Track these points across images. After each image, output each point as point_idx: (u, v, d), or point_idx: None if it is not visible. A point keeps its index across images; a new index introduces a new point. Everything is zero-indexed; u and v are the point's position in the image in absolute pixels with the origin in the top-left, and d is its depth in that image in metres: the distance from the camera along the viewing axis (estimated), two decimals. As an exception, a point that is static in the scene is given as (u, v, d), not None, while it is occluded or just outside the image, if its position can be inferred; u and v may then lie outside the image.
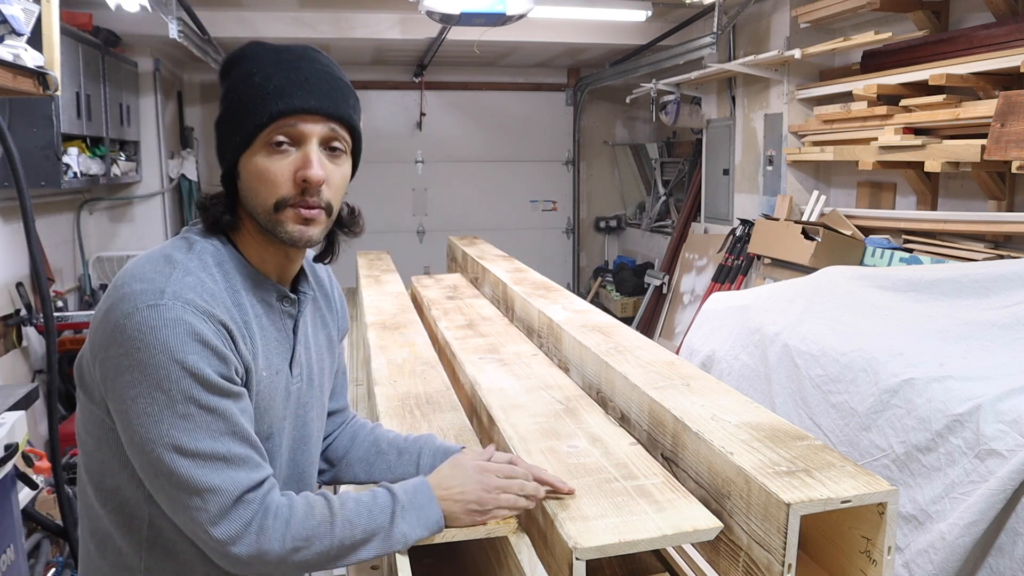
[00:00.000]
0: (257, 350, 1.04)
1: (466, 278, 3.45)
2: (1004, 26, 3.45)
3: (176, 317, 0.93)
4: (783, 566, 1.05)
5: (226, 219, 1.06)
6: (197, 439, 0.94)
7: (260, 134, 1.00)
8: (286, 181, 1.00)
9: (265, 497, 0.99)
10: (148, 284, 0.96)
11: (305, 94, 1.00)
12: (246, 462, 0.98)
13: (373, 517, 1.04)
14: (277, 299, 1.09)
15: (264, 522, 0.97)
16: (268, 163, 1.01)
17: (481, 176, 7.93)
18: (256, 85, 1.00)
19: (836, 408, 2.49)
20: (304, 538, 0.99)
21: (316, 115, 1.01)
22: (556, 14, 5.24)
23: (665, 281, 6.43)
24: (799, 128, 4.84)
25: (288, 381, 1.11)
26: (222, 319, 0.98)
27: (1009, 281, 2.49)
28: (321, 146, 1.02)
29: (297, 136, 1.01)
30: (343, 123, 1.04)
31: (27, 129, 3.70)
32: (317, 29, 5.71)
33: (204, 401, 0.94)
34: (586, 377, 1.83)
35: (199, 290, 0.97)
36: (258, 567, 0.99)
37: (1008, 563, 1.87)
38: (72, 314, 4.38)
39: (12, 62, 1.90)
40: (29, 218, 2.27)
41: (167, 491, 0.96)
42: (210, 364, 0.95)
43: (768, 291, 3.29)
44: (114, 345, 0.94)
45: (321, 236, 1.06)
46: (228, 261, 1.05)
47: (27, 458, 2.33)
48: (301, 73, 1.01)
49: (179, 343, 0.93)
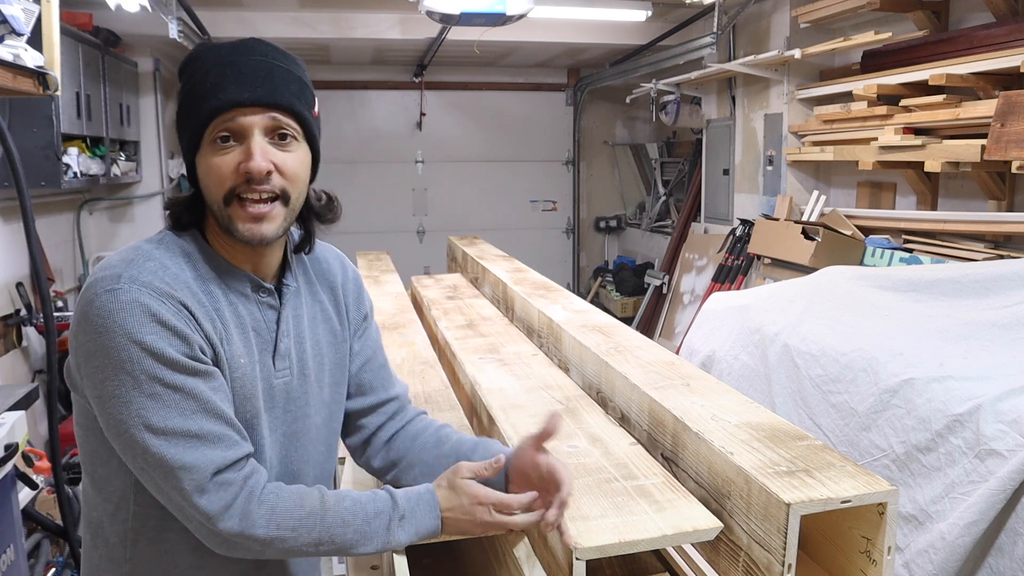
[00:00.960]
0: (231, 335, 1.04)
1: (466, 278, 3.45)
2: (1004, 26, 3.45)
3: (132, 299, 0.94)
4: (783, 566, 1.05)
5: (185, 218, 1.06)
6: (167, 418, 0.95)
7: (204, 133, 1.01)
8: (231, 175, 1.00)
9: (247, 480, 0.99)
10: (109, 271, 0.97)
11: (238, 87, 0.99)
12: (221, 440, 0.98)
13: (368, 521, 1.04)
14: (252, 290, 1.09)
15: (248, 506, 0.98)
16: (214, 160, 1.01)
17: (481, 176, 7.93)
18: (196, 85, 1.01)
19: (836, 408, 2.49)
20: (290, 528, 0.99)
21: (253, 106, 1.00)
22: (556, 14, 5.24)
23: (665, 281, 6.43)
24: (799, 128, 4.84)
25: (271, 373, 1.09)
26: (182, 300, 0.98)
27: (1009, 281, 2.49)
28: (267, 136, 1.02)
29: (238, 130, 1.00)
30: (284, 110, 1.02)
31: (27, 129, 3.70)
32: (317, 29, 5.71)
33: (169, 380, 0.95)
34: (586, 377, 1.83)
35: (159, 273, 0.98)
36: (242, 550, 0.99)
37: (1008, 563, 1.87)
38: (72, 314, 4.38)
39: (12, 62, 1.90)
40: (29, 218, 2.28)
41: (147, 472, 0.97)
42: (170, 343, 0.95)
43: (768, 291, 3.29)
44: (81, 332, 0.96)
45: (279, 230, 1.04)
46: (197, 253, 1.05)
47: (27, 458, 2.33)
48: (235, 67, 1.00)
49: (136, 324, 0.94)
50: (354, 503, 1.04)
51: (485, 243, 3.92)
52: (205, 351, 1.00)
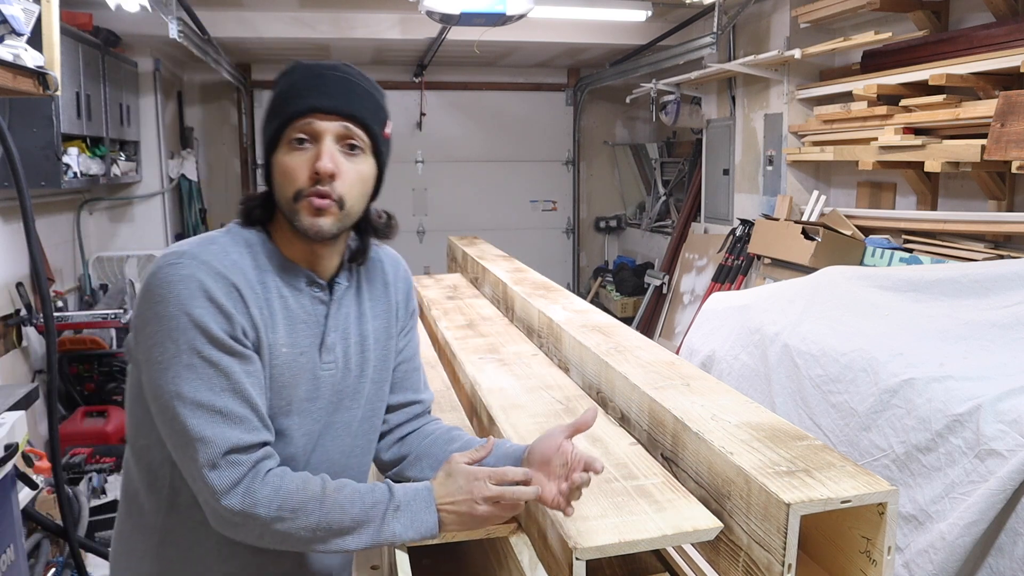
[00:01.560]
0: (276, 323, 1.11)
1: (466, 278, 3.45)
2: (1004, 26, 3.45)
3: (189, 274, 1.03)
4: (783, 566, 1.05)
5: (256, 213, 1.15)
6: (197, 389, 1.02)
7: (283, 133, 1.10)
8: (303, 174, 1.08)
9: (257, 463, 1.04)
10: (176, 249, 1.07)
11: (319, 95, 1.09)
12: (242, 422, 1.04)
13: (366, 509, 1.07)
14: (306, 284, 1.15)
15: (252, 484, 1.02)
16: (288, 159, 1.10)
17: (481, 176, 7.93)
18: (283, 91, 1.12)
19: (836, 408, 2.49)
20: (292, 510, 1.03)
21: (330, 114, 1.09)
22: (556, 14, 5.24)
23: (665, 281, 6.43)
24: (799, 128, 4.84)
25: (316, 365, 1.15)
26: (235, 283, 1.06)
27: (1009, 281, 2.49)
28: (338, 143, 1.10)
29: (313, 133, 1.09)
30: (357, 122, 1.10)
31: (27, 129, 3.70)
32: (317, 29, 5.71)
33: (207, 354, 1.02)
34: (586, 377, 1.83)
35: (219, 257, 1.07)
36: (243, 529, 1.04)
37: (1008, 563, 1.87)
38: (72, 314, 4.38)
39: (12, 62, 1.90)
40: (29, 218, 2.27)
41: (172, 438, 1.04)
42: (215, 320, 1.03)
43: (768, 291, 3.29)
44: (141, 300, 1.06)
45: (334, 228, 1.11)
46: (259, 245, 1.13)
47: (27, 458, 2.32)
48: (321, 79, 1.11)
49: (189, 297, 1.02)
50: (353, 491, 1.08)
51: (485, 243, 3.91)
52: (247, 334, 1.07)
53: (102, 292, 5.11)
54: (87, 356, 4.31)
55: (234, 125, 7.40)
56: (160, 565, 1.15)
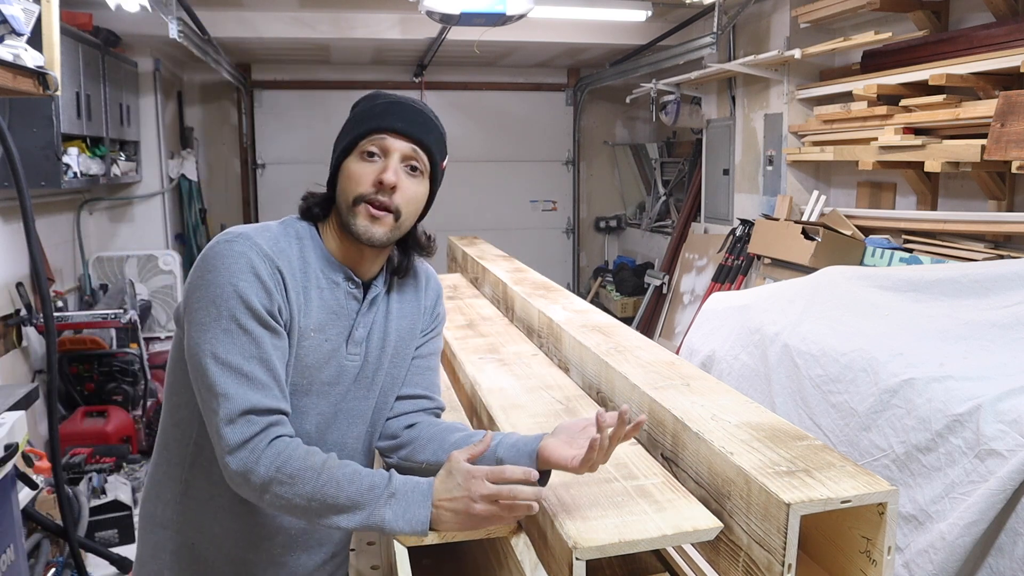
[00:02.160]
0: (310, 308, 1.22)
1: (466, 278, 3.45)
2: (1004, 26, 3.45)
3: (241, 251, 1.16)
4: (783, 566, 1.05)
5: (315, 210, 1.27)
6: (230, 351, 1.13)
7: (358, 144, 1.23)
8: (368, 181, 1.21)
9: (268, 427, 1.13)
10: (233, 229, 1.20)
11: (395, 118, 1.23)
12: (264, 387, 1.14)
13: (362, 491, 1.11)
14: (344, 280, 1.26)
15: (259, 444, 1.11)
16: (358, 167, 1.23)
17: (481, 176, 7.92)
18: (366, 110, 1.26)
19: (836, 408, 2.49)
20: (289, 475, 1.11)
21: (401, 135, 1.23)
22: (556, 14, 5.23)
23: (665, 281, 6.43)
24: (799, 128, 4.84)
25: (342, 354, 1.26)
26: (280, 266, 1.19)
27: (1009, 281, 2.49)
28: (403, 163, 1.23)
29: (383, 149, 1.23)
30: (423, 147, 1.24)
31: (27, 129, 3.70)
32: (317, 29, 5.71)
33: (244, 323, 1.14)
34: (586, 377, 1.83)
35: (270, 242, 1.20)
36: (246, 487, 1.13)
37: (1008, 563, 1.87)
38: (72, 314, 4.38)
39: (12, 62, 1.90)
40: (29, 218, 2.27)
41: (201, 392, 1.15)
42: (257, 295, 1.15)
43: (768, 291, 3.29)
44: (196, 269, 1.18)
45: (386, 237, 1.23)
46: (308, 239, 1.26)
47: (27, 458, 2.32)
48: (400, 106, 1.26)
49: (238, 270, 1.15)
50: (354, 472, 1.13)
51: (485, 243, 3.91)
52: (283, 312, 1.18)
53: (102, 292, 5.10)
54: (87, 356, 4.31)
55: (234, 125, 7.40)
56: (182, 514, 1.27)
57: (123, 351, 4.38)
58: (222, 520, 1.26)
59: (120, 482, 3.62)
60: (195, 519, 1.27)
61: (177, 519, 1.28)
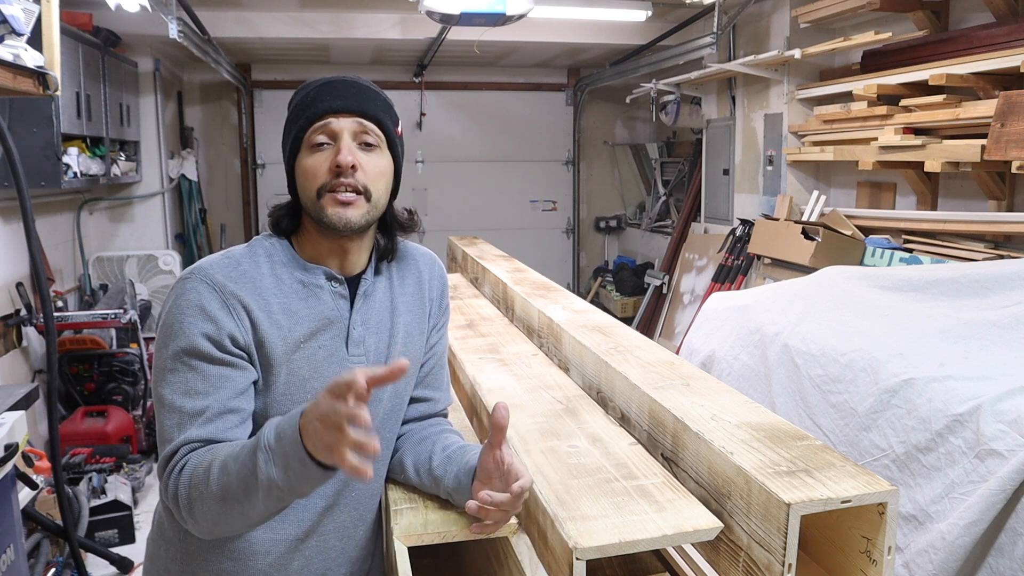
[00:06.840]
0: (296, 321, 1.17)
1: (466, 278, 3.45)
2: (1004, 26, 3.45)
3: (191, 287, 1.13)
4: (783, 566, 1.05)
5: (284, 223, 1.22)
6: (174, 391, 1.11)
7: (303, 138, 1.17)
8: (324, 171, 1.15)
9: (189, 453, 1.09)
10: (194, 265, 1.17)
11: (332, 98, 1.17)
12: (201, 420, 1.09)
13: (244, 463, 1.01)
14: (326, 279, 1.21)
15: (173, 474, 1.09)
16: (311, 160, 1.16)
17: (481, 176, 7.93)
18: (298, 104, 1.20)
19: (836, 408, 2.49)
20: (195, 485, 1.06)
21: (343, 112, 1.16)
22: (556, 14, 5.23)
23: (665, 281, 6.43)
24: (799, 128, 4.84)
25: (344, 358, 1.20)
26: (237, 292, 1.14)
27: (1009, 281, 2.49)
28: (355, 141, 1.17)
29: (331, 133, 1.16)
30: (370, 118, 1.18)
31: (27, 129, 3.70)
32: (317, 29, 5.71)
33: (184, 360, 1.11)
34: (586, 377, 1.83)
35: (228, 270, 1.15)
36: (184, 520, 1.10)
37: (1008, 563, 1.87)
38: (72, 314, 4.37)
39: (12, 62, 1.90)
40: (29, 218, 2.28)
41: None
42: (200, 329, 1.11)
43: (768, 291, 3.29)
44: (162, 306, 1.17)
45: (363, 219, 1.17)
46: (280, 254, 1.20)
47: (27, 458, 2.33)
48: (331, 85, 1.19)
49: (184, 307, 1.12)
50: (231, 448, 1.05)
51: (485, 243, 3.91)
52: (239, 339, 1.12)
53: (102, 292, 5.10)
54: (87, 356, 4.31)
55: (234, 125, 7.40)
56: (185, 552, 1.23)
57: (123, 351, 4.38)
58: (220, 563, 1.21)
59: (120, 482, 3.62)
60: (199, 565, 1.22)
61: (181, 558, 1.23)
